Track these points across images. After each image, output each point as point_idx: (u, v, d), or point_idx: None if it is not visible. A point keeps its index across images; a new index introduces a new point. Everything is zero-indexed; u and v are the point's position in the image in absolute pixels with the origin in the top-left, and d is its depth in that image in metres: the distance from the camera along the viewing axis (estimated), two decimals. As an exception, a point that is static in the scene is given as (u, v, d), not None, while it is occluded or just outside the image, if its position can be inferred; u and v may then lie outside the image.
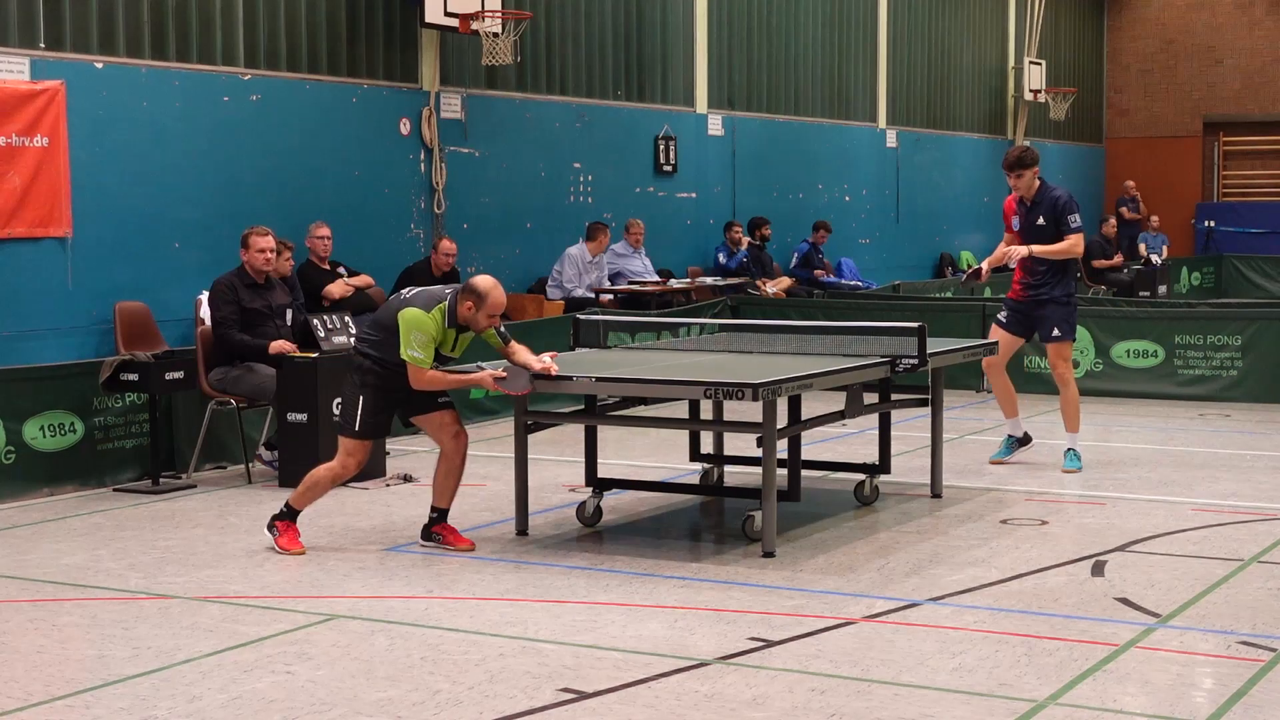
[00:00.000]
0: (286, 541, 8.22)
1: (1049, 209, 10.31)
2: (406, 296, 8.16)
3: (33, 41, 11.24)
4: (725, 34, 18.77)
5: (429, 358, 7.95)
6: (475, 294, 7.96)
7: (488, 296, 7.96)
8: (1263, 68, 28.41)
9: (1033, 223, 10.35)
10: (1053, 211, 10.29)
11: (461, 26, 14.22)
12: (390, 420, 8.41)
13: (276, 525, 8.27)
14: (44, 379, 10.11)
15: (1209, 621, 6.75)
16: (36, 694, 5.84)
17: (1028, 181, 10.31)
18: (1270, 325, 13.96)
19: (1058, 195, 10.34)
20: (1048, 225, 10.30)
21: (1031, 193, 10.34)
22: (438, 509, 8.33)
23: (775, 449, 8.04)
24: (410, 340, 7.90)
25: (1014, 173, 10.31)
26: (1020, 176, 10.29)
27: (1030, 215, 10.38)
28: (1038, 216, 10.34)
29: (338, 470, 8.22)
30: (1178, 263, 25.71)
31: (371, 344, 8.12)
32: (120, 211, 11.83)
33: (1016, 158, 10.34)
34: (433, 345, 7.96)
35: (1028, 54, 25.74)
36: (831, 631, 6.62)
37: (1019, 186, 10.34)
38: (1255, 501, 9.46)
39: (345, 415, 8.18)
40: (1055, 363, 10.51)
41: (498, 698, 5.73)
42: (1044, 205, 10.33)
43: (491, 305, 7.98)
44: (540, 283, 15.77)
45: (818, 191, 20.76)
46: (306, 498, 8.30)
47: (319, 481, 8.27)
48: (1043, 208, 10.33)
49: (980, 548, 8.24)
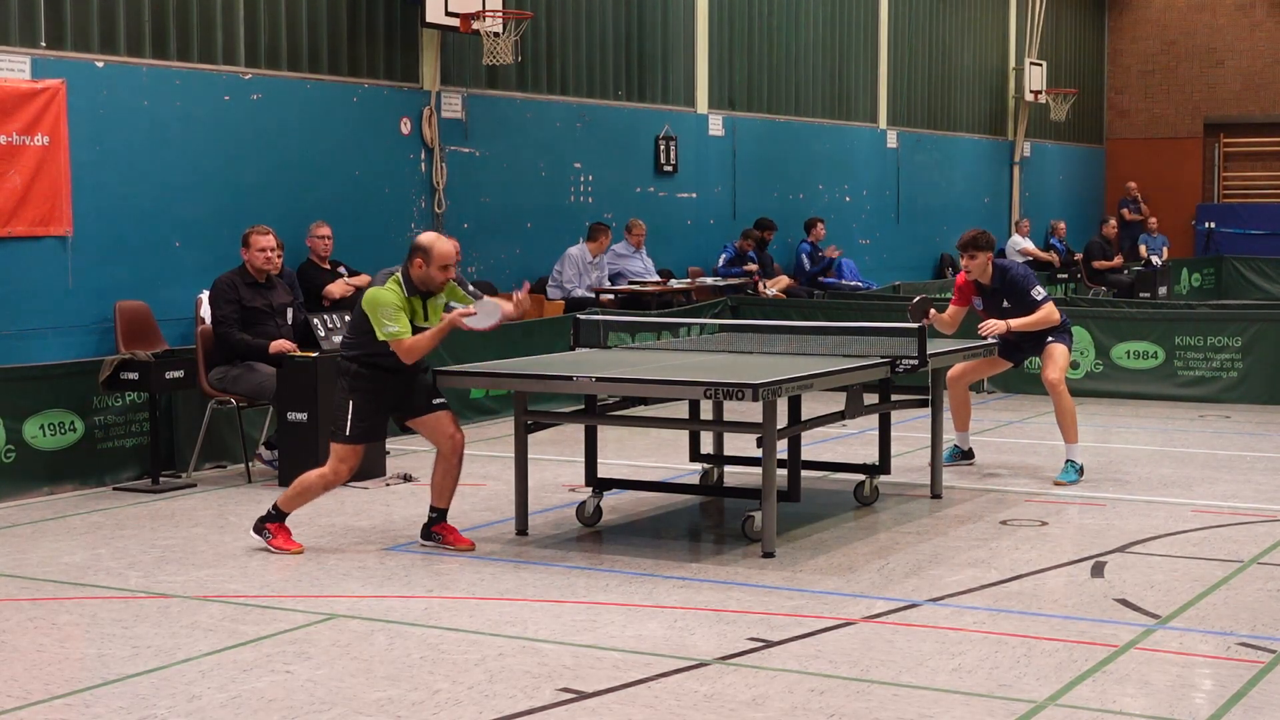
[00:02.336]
0: (282, 542, 8.20)
1: (1009, 291, 10.25)
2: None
3: (33, 40, 11.24)
4: (726, 34, 18.77)
5: (406, 329, 7.91)
6: (421, 250, 8.01)
7: (433, 249, 7.99)
8: (1263, 69, 28.41)
9: (997, 305, 10.29)
10: (1014, 291, 10.23)
11: (462, 26, 14.22)
12: (385, 423, 8.40)
13: (268, 527, 8.23)
14: (44, 378, 10.11)
15: (1208, 623, 6.75)
16: (36, 693, 5.84)
17: (980, 264, 10.22)
18: (1270, 327, 13.96)
19: (1014, 275, 10.29)
20: (1013, 306, 10.22)
21: (986, 277, 10.26)
22: (437, 509, 8.32)
23: (775, 449, 8.04)
24: (380, 318, 7.88)
25: (967, 253, 10.22)
26: (974, 258, 10.20)
27: (993, 300, 10.31)
28: (1001, 300, 10.28)
29: (330, 477, 8.18)
30: (1178, 264, 25.71)
31: (351, 345, 8.12)
32: (121, 210, 11.83)
33: (971, 239, 10.25)
34: (404, 315, 7.92)
35: (1028, 55, 25.74)
36: (831, 632, 6.62)
37: (972, 269, 10.25)
38: (1255, 503, 9.46)
39: (335, 421, 8.16)
40: (1045, 370, 10.26)
41: (497, 697, 5.73)
42: (1004, 288, 10.27)
43: (439, 256, 7.98)
44: (540, 283, 15.78)
45: (818, 192, 20.76)
46: (296, 502, 8.27)
47: (310, 487, 8.23)
48: (1003, 291, 10.27)
49: (980, 548, 8.24)
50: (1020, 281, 10.28)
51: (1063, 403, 10.18)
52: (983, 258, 10.22)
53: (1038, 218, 26.07)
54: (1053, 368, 10.26)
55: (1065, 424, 10.19)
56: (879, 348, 9.19)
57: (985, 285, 10.32)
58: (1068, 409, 10.18)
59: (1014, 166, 25.93)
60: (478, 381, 9.07)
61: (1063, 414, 10.18)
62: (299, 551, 8.15)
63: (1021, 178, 26.11)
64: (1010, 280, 10.28)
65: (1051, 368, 10.26)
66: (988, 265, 10.26)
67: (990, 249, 10.26)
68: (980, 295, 10.39)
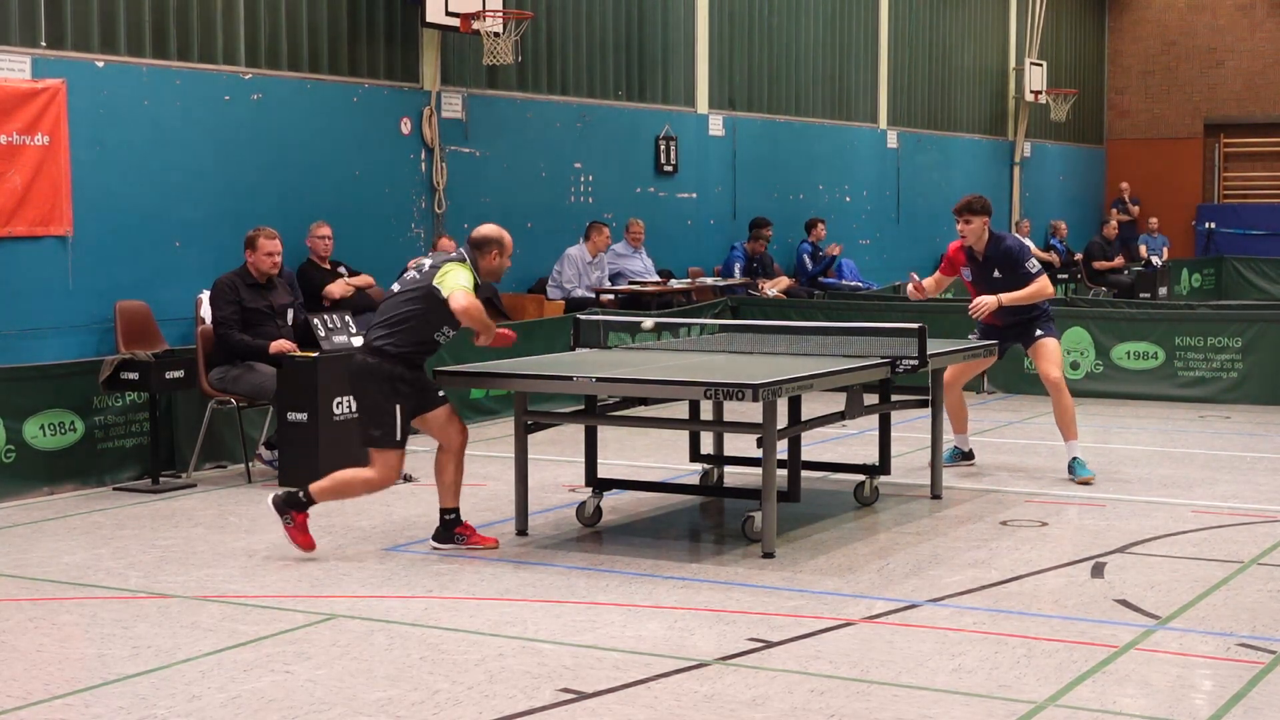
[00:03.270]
0: (298, 532, 7.96)
1: (1002, 261, 10.13)
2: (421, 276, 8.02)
3: (34, 40, 11.24)
4: (726, 34, 18.77)
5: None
6: (495, 242, 8.13)
7: (505, 239, 8.19)
8: (1264, 69, 28.40)
9: (988, 275, 10.17)
10: (1007, 262, 10.13)
11: (463, 26, 14.22)
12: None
13: (293, 513, 7.96)
14: (44, 378, 10.11)
15: (1209, 623, 6.75)
16: (36, 693, 5.84)
17: (976, 230, 10.09)
18: (1270, 327, 13.96)
19: (1009, 245, 10.18)
20: (1004, 277, 10.10)
21: (981, 244, 10.13)
22: (452, 509, 8.18)
23: (775, 449, 8.04)
24: (456, 278, 7.84)
25: (963, 218, 10.09)
26: (969, 223, 10.07)
27: (983, 268, 10.20)
28: (992, 269, 10.17)
29: (376, 482, 8.00)
30: (1178, 264, 25.70)
31: (393, 341, 7.89)
32: (121, 210, 11.82)
33: (966, 203, 10.13)
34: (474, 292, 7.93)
35: (1029, 55, 25.73)
36: (831, 632, 6.62)
37: (968, 234, 10.12)
38: (1255, 503, 9.46)
39: (383, 427, 7.88)
40: (1045, 368, 10.19)
41: (497, 698, 5.73)
42: (996, 258, 10.14)
43: (509, 246, 8.21)
44: (540, 283, 15.77)
45: (818, 192, 20.76)
46: (329, 495, 8.04)
47: (350, 486, 8.03)
48: (995, 260, 10.15)
49: (980, 549, 8.24)
50: (1015, 252, 10.14)
51: (1064, 399, 10.13)
52: (978, 222, 10.07)
53: (1038, 218, 26.07)
54: (1052, 365, 10.20)
55: (1066, 421, 10.15)
56: (879, 348, 9.20)
57: (978, 254, 10.20)
58: (1069, 406, 10.15)
59: (1014, 167, 25.93)
60: (478, 381, 9.06)
61: (1064, 411, 10.14)
62: (310, 549, 8.02)
63: (1022, 178, 26.11)
64: (1005, 250, 10.14)
65: (1051, 365, 10.20)
66: (984, 231, 10.12)
67: (987, 214, 10.11)
68: (971, 264, 10.26)
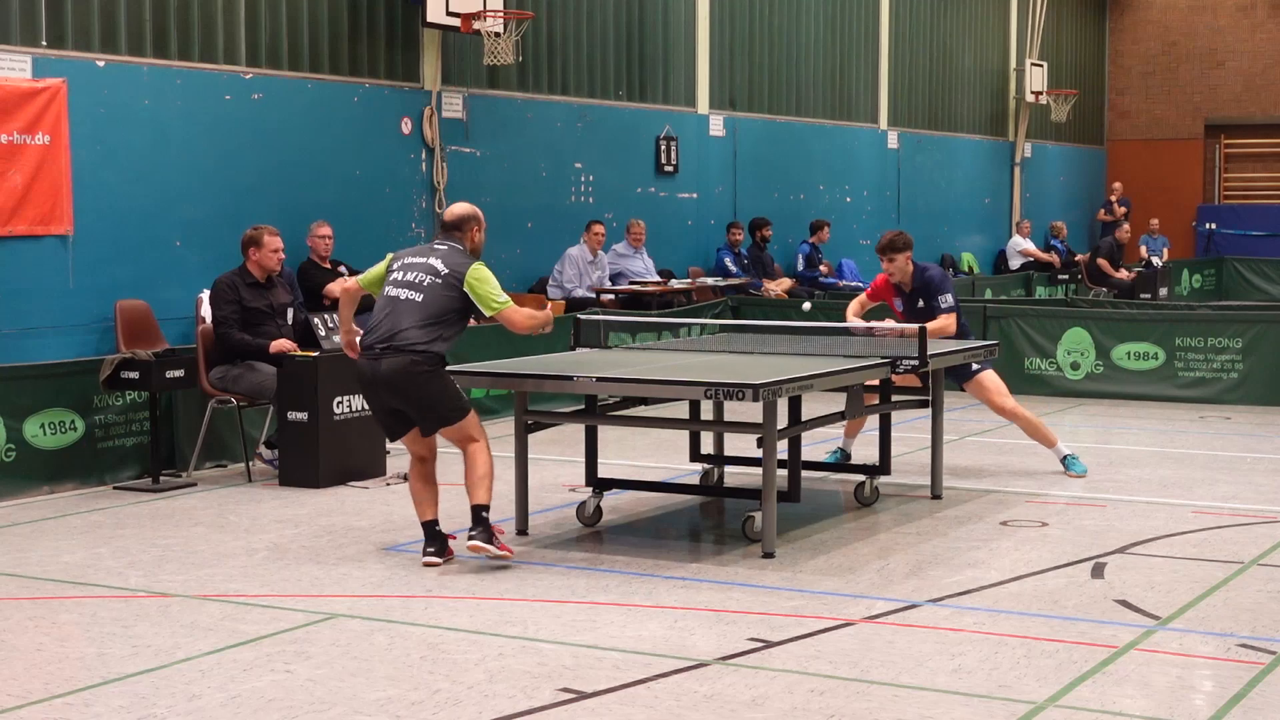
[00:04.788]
0: (505, 545, 7.84)
1: (925, 290, 10.21)
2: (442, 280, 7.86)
3: (34, 39, 11.25)
4: (727, 34, 18.77)
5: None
6: (473, 218, 8.10)
7: (478, 211, 8.14)
8: (1264, 70, 28.41)
9: (913, 306, 10.26)
10: (928, 291, 10.19)
11: (463, 26, 14.22)
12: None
13: (494, 532, 7.78)
14: (44, 377, 10.11)
15: (1208, 624, 6.75)
16: (36, 692, 5.84)
17: (900, 266, 10.16)
18: (1271, 328, 13.96)
19: (931, 276, 10.25)
20: (927, 308, 10.18)
21: (907, 277, 10.21)
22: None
23: (775, 449, 8.05)
24: (493, 291, 7.78)
25: (886, 256, 10.15)
26: (893, 260, 10.14)
27: (910, 299, 10.28)
28: (917, 300, 10.24)
29: (486, 446, 7.84)
30: (1178, 265, 25.71)
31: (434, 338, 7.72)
32: (121, 210, 11.83)
33: (889, 241, 10.19)
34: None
35: (1029, 55, 25.74)
36: (831, 632, 6.62)
37: (892, 271, 10.19)
38: (1255, 504, 9.46)
39: (453, 400, 7.77)
40: (993, 401, 10.26)
41: (497, 697, 5.73)
42: (921, 289, 10.23)
43: (483, 216, 8.15)
44: (541, 283, 15.78)
45: (819, 192, 20.77)
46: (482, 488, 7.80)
47: (486, 465, 7.81)
48: (920, 292, 10.23)
49: (980, 549, 8.24)
50: (935, 283, 10.22)
51: (1026, 420, 10.34)
52: (901, 259, 10.15)
53: (1038, 219, 26.07)
54: (998, 396, 10.29)
55: (1040, 435, 10.40)
56: (879, 348, 9.20)
57: (904, 286, 10.29)
58: (1033, 422, 10.36)
59: (1015, 167, 25.93)
60: (478, 381, 9.05)
61: (1033, 429, 10.37)
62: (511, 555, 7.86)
63: (1022, 179, 26.11)
64: (927, 279, 10.23)
65: (997, 397, 10.28)
66: (908, 265, 10.20)
67: (908, 250, 10.20)
68: (900, 295, 10.36)
